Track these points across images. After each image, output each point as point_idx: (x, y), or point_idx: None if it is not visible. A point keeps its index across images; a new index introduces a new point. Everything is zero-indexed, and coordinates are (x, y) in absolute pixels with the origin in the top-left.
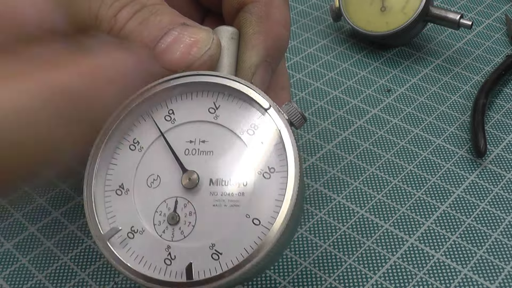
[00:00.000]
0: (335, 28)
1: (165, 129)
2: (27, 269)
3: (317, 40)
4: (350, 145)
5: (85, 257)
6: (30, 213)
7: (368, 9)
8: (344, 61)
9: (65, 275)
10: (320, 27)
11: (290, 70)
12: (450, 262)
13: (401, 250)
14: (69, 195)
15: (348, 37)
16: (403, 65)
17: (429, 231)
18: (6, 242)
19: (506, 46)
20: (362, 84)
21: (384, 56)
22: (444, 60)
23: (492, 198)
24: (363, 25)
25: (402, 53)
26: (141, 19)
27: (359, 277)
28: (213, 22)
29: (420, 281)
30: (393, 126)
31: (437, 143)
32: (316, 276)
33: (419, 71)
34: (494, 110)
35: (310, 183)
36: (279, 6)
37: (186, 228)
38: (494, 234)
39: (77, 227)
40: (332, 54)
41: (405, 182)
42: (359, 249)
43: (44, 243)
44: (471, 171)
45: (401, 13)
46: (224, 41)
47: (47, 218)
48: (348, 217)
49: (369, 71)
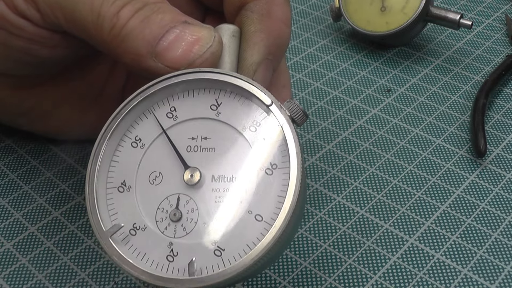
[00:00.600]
0: (335, 28)
1: (167, 126)
2: (27, 269)
3: (317, 40)
4: (350, 145)
5: (85, 257)
6: (30, 213)
7: (368, 9)
8: (344, 61)
9: (65, 275)
10: (320, 27)
11: (290, 70)
12: (450, 262)
13: (401, 250)
14: (69, 195)
15: (348, 37)
16: (403, 65)
17: (429, 231)
18: (6, 242)
19: (506, 46)
20: (362, 84)
21: (384, 56)
22: (444, 60)
23: (492, 198)
24: (363, 25)
25: (402, 53)
26: (143, 17)
27: (359, 277)
28: (214, 21)
29: (420, 281)
30: (393, 126)
31: (437, 143)
32: (316, 276)
33: (419, 71)
34: (494, 110)
35: (310, 183)
36: (280, 4)
37: (188, 225)
38: (494, 234)
39: (77, 227)
40: (332, 54)
41: (405, 182)
42: (359, 249)
43: (44, 243)
44: (471, 171)
45: (401, 13)
46: (226, 39)
47: (47, 218)
48: (348, 217)
49: (369, 71)
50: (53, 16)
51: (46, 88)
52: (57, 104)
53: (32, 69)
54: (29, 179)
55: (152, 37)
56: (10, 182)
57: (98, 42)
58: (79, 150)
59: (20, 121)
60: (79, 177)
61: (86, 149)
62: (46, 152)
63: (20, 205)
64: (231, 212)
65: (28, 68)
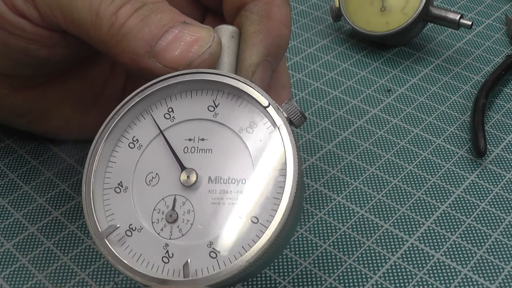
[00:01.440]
0: (335, 28)
1: (164, 127)
2: (27, 269)
3: (317, 40)
4: (350, 145)
5: (85, 257)
6: (30, 213)
7: (368, 9)
8: (344, 61)
9: (65, 275)
10: (320, 27)
11: (290, 70)
12: (450, 262)
13: (401, 250)
14: (69, 195)
15: (348, 37)
16: (403, 65)
17: (429, 231)
18: (6, 242)
19: (506, 46)
20: (362, 84)
21: (384, 56)
22: (444, 60)
23: (492, 198)
24: (363, 25)
25: (402, 53)
26: (142, 16)
27: (359, 277)
28: (213, 21)
29: (420, 281)
30: (393, 126)
31: (437, 143)
32: (316, 276)
33: (419, 71)
34: (494, 110)
35: (310, 183)
36: (280, 5)
37: (184, 226)
38: (494, 234)
39: (77, 227)
40: (332, 54)
41: (405, 182)
42: (359, 249)
43: (44, 243)
44: (471, 171)
45: (401, 13)
46: (225, 40)
47: (47, 218)
48: (348, 217)
49: (369, 71)
50: (52, 15)
51: (46, 89)
52: (57, 104)
53: (31, 69)
54: (29, 179)
55: (150, 37)
56: (10, 182)
57: (97, 41)
58: (79, 150)
59: (20, 122)
60: (79, 177)
61: (86, 149)
62: (46, 152)
63: (20, 205)
64: (227, 214)
65: (27, 68)
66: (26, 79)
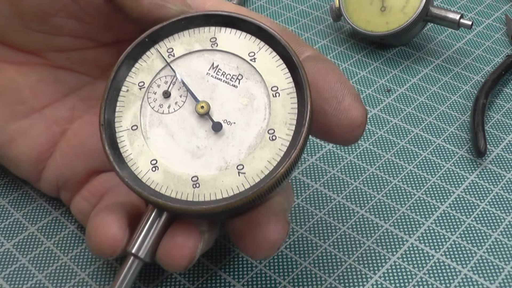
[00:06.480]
0: (335, 28)
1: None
2: (27, 269)
3: (317, 40)
4: (350, 145)
5: (85, 257)
6: (30, 213)
7: (368, 9)
8: (344, 61)
9: (65, 275)
10: (320, 27)
11: None
12: (450, 262)
13: (401, 250)
14: None
15: (348, 37)
16: (403, 65)
17: (429, 231)
18: (6, 242)
19: (506, 46)
20: (362, 84)
21: (384, 56)
22: (444, 60)
23: (492, 198)
24: (363, 25)
25: (402, 53)
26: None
27: (359, 277)
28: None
29: (420, 281)
30: (393, 126)
31: (437, 143)
32: (316, 276)
33: (419, 71)
34: (494, 110)
35: (310, 183)
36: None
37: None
38: (494, 234)
39: (77, 227)
40: (332, 54)
41: (405, 182)
42: (359, 249)
43: (44, 243)
44: (471, 171)
45: (401, 13)
46: None
47: (47, 218)
48: (348, 217)
49: (369, 71)
50: None
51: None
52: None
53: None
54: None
55: None
56: (10, 182)
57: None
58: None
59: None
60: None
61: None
62: None
63: (20, 205)
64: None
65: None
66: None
